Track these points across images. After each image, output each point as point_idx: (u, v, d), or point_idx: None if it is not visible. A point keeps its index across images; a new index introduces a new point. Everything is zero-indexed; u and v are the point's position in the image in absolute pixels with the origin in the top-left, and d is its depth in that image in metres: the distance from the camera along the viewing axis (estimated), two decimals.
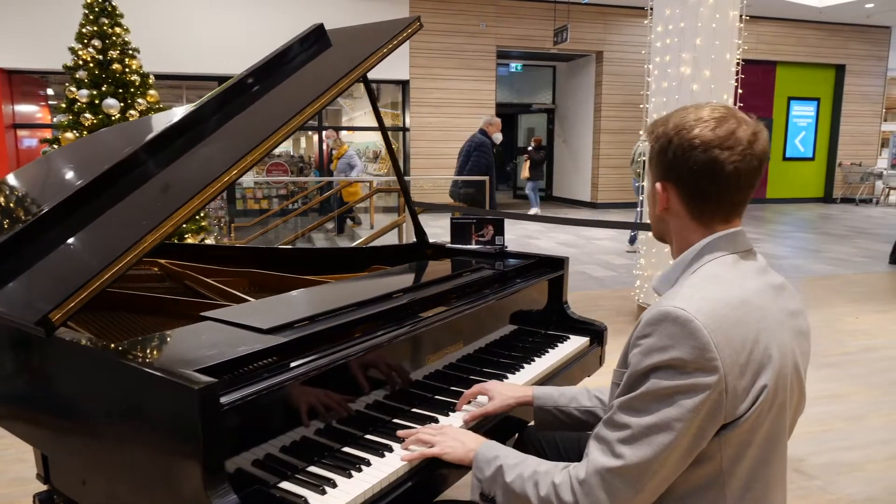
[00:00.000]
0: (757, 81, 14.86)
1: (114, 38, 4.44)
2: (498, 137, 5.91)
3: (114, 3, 4.52)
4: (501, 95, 14.70)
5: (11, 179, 2.42)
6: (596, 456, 1.00)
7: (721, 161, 1.01)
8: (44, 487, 2.15)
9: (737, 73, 4.61)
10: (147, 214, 1.45)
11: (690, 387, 0.92)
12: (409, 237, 5.67)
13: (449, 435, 1.28)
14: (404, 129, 12.95)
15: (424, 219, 8.56)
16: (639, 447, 0.95)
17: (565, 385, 1.93)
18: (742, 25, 4.56)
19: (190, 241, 4.55)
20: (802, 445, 2.93)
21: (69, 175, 2.38)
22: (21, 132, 10.99)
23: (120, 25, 4.51)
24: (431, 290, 1.76)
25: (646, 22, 4.83)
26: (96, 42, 4.41)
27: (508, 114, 15.64)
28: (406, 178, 12.38)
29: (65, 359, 1.28)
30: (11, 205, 2.20)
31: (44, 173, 2.51)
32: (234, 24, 10.99)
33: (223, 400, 1.07)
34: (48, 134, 4.32)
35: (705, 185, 1.04)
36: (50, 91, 11.86)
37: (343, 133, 15.95)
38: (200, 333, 1.37)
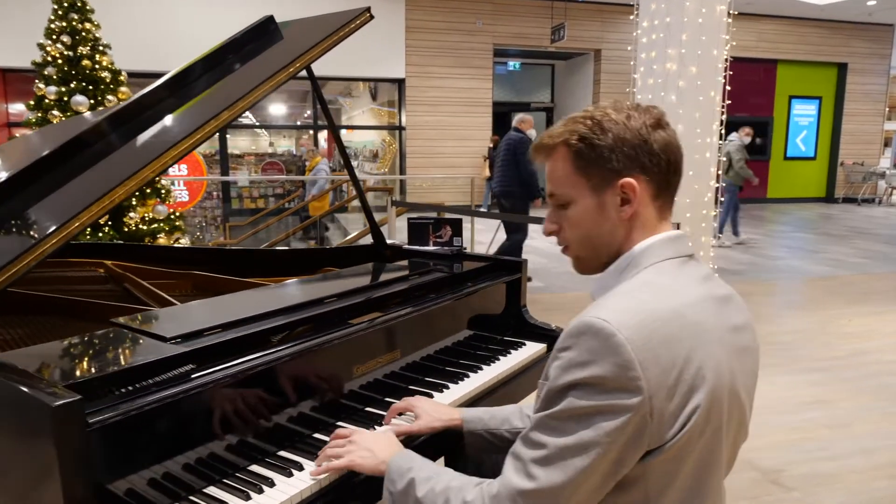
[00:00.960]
0: (757, 80, 14.72)
1: (84, 33, 4.35)
2: (532, 134, 5.82)
3: None
4: (500, 94, 14.59)
5: None
6: (510, 475, 0.91)
7: (674, 137, 0.97)
8: None
9: (725, 70, 4.49)
10: (52, 214, 1.36)
11: (610, 408, 0.83)
12: (394, 237, 5.58)
13: (360, 444, 1.17)
14: (400, 128, 12.86)
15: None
16: (553, 470, 0.86)
17: (516, 395, 1.84)
18: (730, 21, 4.44)
19: (162, 241, 4.48)
20: (782, 454, 2.82)
21: (25, 158, 2.30)
22: (16, 131, 10.93)
23: (90, 21, 4.40)
24: (370, 293, 1.66)
25: (631, 17, 4.72)
26: (65, 38, 4.32)
27: (506, 112, 15.53)
28: (402, 177, 12.33)
29: None
30: None
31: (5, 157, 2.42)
32: (234, 22, 10.91)
33: (95, 419, 0.97)
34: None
35: (671, 168, 0.97)
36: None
37: (342, 132, 15.86)
38: (100, 341, 1.28)
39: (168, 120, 1.73)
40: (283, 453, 1.27)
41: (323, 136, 14.42)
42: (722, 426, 0.90)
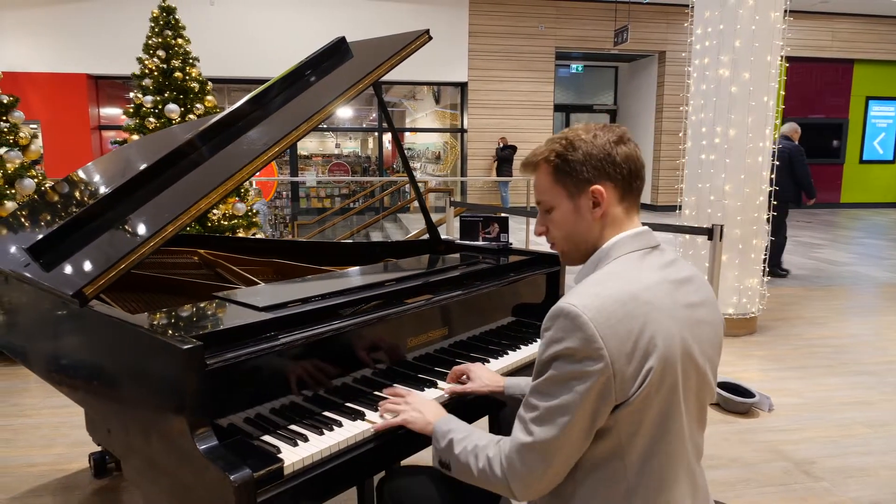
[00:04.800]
0: (833, 80, 14.27)
1: (176, 48, 4.85)
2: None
3: (177, 17, 4.93)
4: (562, 97, 14.68)
5: (85, 170, 2.76)
6: (516, 433, 1.16)
7: (635, 150, 1.20)
8: (98, 448, 2.44)
9: (780, 75, 4.55)
10: (167, 209, 1.69)
11: (581, 373, 1.06)
12: (451, 234, 5.86)
13: (412, 405, 1.44)
14: (462, 131, 13.15)
15: None
16: (546, 426, 1.10)
17: None
18: (785, 26, 4.50)
19: (241, 235, 4.91)
20: (816, 448, 2.93)
21: (131, 166, 2.69)
22: (106, 133, 11.85)
23: (182, 37, 4.91)
24: (424, 279, 1.93)
25: (686, 24, 4.83)
26: (160, 52, 4.82)
27: (568, 115, 15.57)
28: (462, 178, 12.60)
29: (93, 325, 1.54)
30: (83, 190, 2.52)
31: (112, 164, 2.84)
32: (303, 32, 11.48)
33: (210, 362, 1.28)
34: (130, 136, 4.74)
35: (632, 175, 1.20)
36: (131, 95, 12.71)
37: (406, 135, 16.30)
38: (207, 308, 1.60)
39: (255, 132, 2.04)
40: (349, 404, 1.56)
41: (387, 138, 14.89)
42: (678, 382, 1.11)
